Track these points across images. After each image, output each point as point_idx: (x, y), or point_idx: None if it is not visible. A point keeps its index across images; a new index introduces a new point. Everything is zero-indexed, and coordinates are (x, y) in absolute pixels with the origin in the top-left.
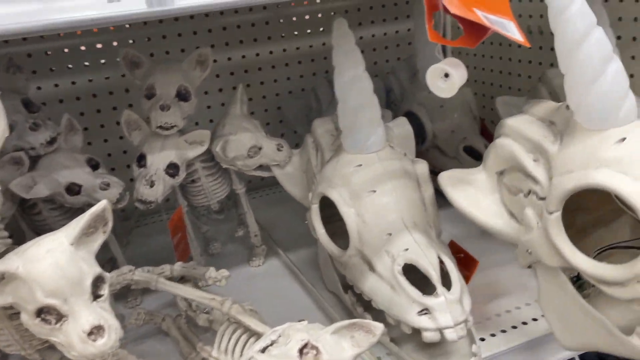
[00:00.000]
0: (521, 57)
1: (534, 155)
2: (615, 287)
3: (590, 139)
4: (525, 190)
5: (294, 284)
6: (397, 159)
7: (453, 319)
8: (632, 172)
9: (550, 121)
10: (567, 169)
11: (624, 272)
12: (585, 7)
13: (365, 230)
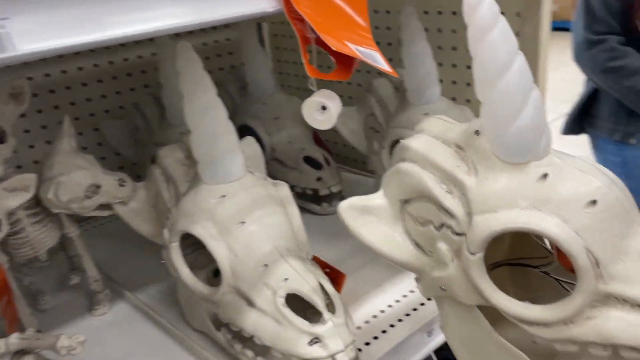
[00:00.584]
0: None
1: (446, 187)
2: (539, 327)
3: (512, 175)
4: (437, 223)
5: (151, 328)
6: (261, 185)
7: (343, 342)
8: (561, 214)
9: (457, 145)
10: (491, 207)
11: (552, 314)
12: (508, 32)
13: (239, 264)
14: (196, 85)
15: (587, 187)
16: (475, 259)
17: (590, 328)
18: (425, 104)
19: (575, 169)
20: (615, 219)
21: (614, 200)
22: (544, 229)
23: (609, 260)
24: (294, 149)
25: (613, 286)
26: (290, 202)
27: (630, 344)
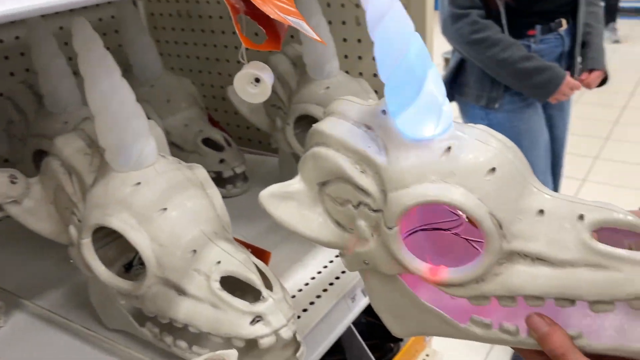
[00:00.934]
0: (237, 45)
1: (360, 167)
2: (455, 288)
3: (419, 151)
4: (355, 201)
5: (60, 334)
6: (176, 169)
7: (285, 316)
8: (466, 184)
9: (366, 126)
10: (403, 184)
11: (464, 275)
12: (403, 13)
13: (165, 253)
14: (98, 66)
15: (486, 157)
16: (392, 233)
17: (499, 283)
18: (325, 79)
19: (474, 140)
20: (512, 182)
21: (509, 165)
22: (452, 199)
23: (510, 221)
24: (191, 132)
25: (515, 244)
26: (209, 183)
27: (532, 293)
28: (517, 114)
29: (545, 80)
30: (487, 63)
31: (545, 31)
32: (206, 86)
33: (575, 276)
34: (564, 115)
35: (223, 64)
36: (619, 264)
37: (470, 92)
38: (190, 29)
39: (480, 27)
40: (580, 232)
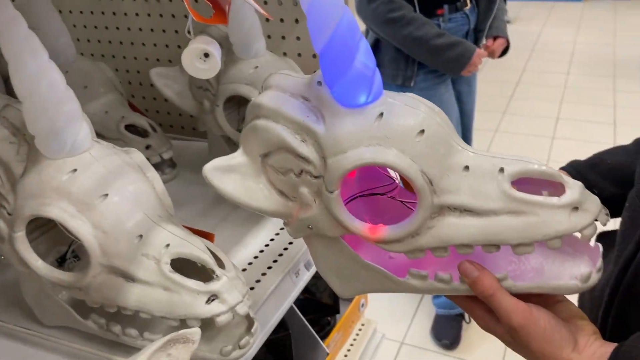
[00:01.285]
0: (166, 28)
1: (300, 137)
2: (393, 244)
3: (354, 118)
4: (297, 170)
5: None
6: (113, 153)
7: (240, 293)
8: (398, 145)
9: (303, 97)
10: (341, 149)
11: (402, 231)
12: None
13: (109, 241)
14: (23, 48)
15: (415, 120)
16: (333, 196)
17: (432, 236)
18: (253, 58)
19: (404, 106)
20: (440, 142)
21: (437, 127)
22: (387, 161)
23: (439, 178)
24: (112, 119)
25: (444, 198)
26: (147, 166)
27: (462, 242)
28: (431, 90)
29: (458, 54)
30: (403, 41)
31: (453, 10)
32: (121, 71)
33: (499, 223)
34: (472, 91)
35: (138, 48)
36: (536, 208)
37: (386, 72)
38: (100, 12)
39: (396, 6)
40: (501, 183)
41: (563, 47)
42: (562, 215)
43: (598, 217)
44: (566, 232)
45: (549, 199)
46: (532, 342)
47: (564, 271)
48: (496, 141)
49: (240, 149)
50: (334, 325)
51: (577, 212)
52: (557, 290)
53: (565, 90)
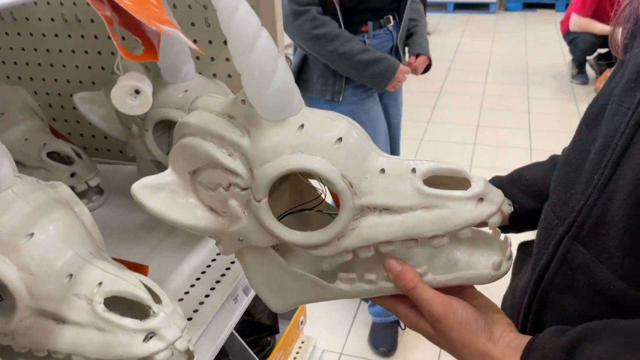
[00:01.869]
0: (88, 49)
1: (227, 151)
2: (321, 248)
3: (277, 130)
4: (225, 184)
5: None
6: (38, 189)
7: (179, 328)
8: (319, 152)
9: (229, 115)
10: (266, 159)
11: (327, 234)
12: (250, 11)
13: (37, 282)
14: None
15: (333, 129)
16: (261, 205)
17: (356, 236)
18: (182, 81)
19: (323, 117)
20: (357, 148)
21: (354, 135)
22: (308, 166)
23: (358, 181)
24: (33, 146)
25: (364, 199)
26: (75, 201)
27: (384, 239)
28: (359, 105)
29: (382, 69)
30: (329, 57)
31: (376, 27)
32: (41, 94)
33: (415, 218)
34: (398, 104)
35: (59, 70)
36: (446, 201)
37: (315, 87)
38: (16, 33)
39: (321, 22)
40: (414, 181)
41: (480, 57)
42: (470, 205)
43: (502, 206)
44: (475, 221)
45: (457, 192)
46: (452, 331)
47: (478, 262)
48: (422, 149)
49: (170, 168)
50: (274, 345)
51: (483, 202)
52: (473, 279)
53: (483, 99)
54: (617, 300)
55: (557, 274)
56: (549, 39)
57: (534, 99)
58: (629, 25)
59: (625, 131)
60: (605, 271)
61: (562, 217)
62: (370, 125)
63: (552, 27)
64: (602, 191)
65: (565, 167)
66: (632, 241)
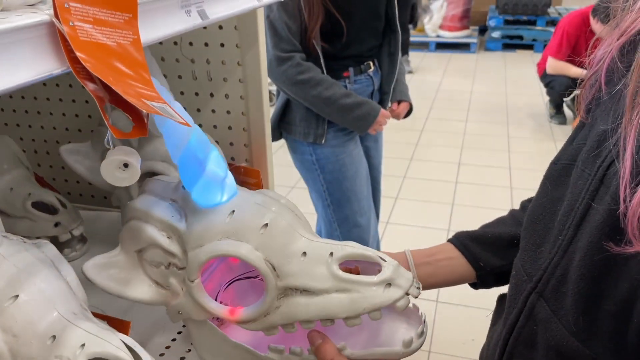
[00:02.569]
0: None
1: (167, 233)
2: (250, 323)
3: (209, 216)
4: (166, 263)
5: None
6: (24, 249)
7: None
8: (245, 238)
9: (172, 199)
10: (198, 243)
11: (254, 312)
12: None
13: (20, 344)
14: None
15: (261, 216)
16: (194, 285)
17: (279, 314)
18: None
19: (253, 203)
20: (282, 233)
21: (281, 220)
22: (234, 252)
23: (281, 264)
24: (18, 196)
25: (286, 281)
26: (60, 260)
27: (304, 318)
28: (341, 147)
29: (365, 113)
30: (313, 101)
31: (357, 72)
32: (27, 140)
33: (330, 300)
34: (378, 146)
35: (46, 117)
36: (357, 286)
37: (298, 130)
38: None
39: (304, 68)
40: (330, 265)
41: (461, 95)
42: (378, 290)
43: (409, 290)
44: (381, 305)
45: (367, 277)
46: None
47: (395, 337)
48: (405, 186)
49: (119, 247)
50: None
51: (390, 287)
52: (387, 355)
53: (464, 137)
54: (569, 357)
55: (523, 328)
56: (527, 79)
57: (514, 137)
58: (593, 92)
59: (585, 196)
60: (561, 328)
61: (530, 274)
62: (352, 168)
63: (531, 67)
64: (565, 251)
65: (533, 225)
66: (585, 300)
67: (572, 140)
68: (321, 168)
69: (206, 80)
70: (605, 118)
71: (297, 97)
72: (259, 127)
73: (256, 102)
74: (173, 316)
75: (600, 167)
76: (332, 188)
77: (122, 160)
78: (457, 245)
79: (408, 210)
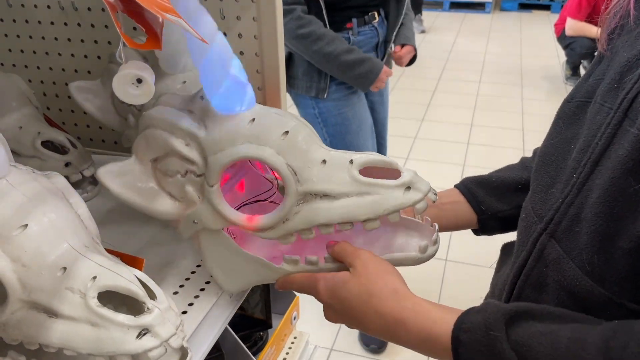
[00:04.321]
0: (84, 38)
1: (185, 141)
2: (267, 231)
3: (230, 122)
4: (183, 171)
5: None
6: (33, 179)
7: (173, 325)
8: (267, 143)
9: (188, 110)
10: (219, 147)
11: (273, 218)
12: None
13: (30, 274)
14: None
15: (282, 124)
16: (214, 190)
17: (299, 219)
18: (181, 73)
19: (273, 113)
20: (302, 141)
21: (300, 129)
22: (257, 155)
23: (301, 169)
24: (27, 134)
25: (306, 186)
26: (70, 191)
27: (324, 222)
28: (344, 101)
29: (366, 70)
30: (314, 56)
31: (361, 24)
32: (35, 82)
33: (350, 203)
34: (384, 100)
35: (54, 58)
36: (378, 189)
37: (300, 84)
38: (12, 20)
39: (305, 22)
40: (350, 170)
41: (475, 56)
42: (398, 192)
43: (428, 194)
44: (402, 206)
45: (388, 181)
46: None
47: (409, 246)
48: (415, 147)
49: (133, 156)
50: (267, 340)
51: (410, 190)
52: (403, 261)
53: (477, 98)
54: (582, 297)
55: (532, 270)
56: (543, 40)
57: (528, 99)
58: (617, 19)
59: (606, 131)
60: (574, 268)
61: (541, 215)
62: (355, 122)
63: (547, 28)
64: (580, 190)
65: (544, 166)
66: (601, 239)
67: (589, 77)
68: (324, 122)
69: (219, 19)
70: (631, 45)
71: (298, 51)
72: (273, 69)
73: (270, 43)
74: (187, 227)
75: (624, 99)
76: (335, 142)
77: (135, 74)
78: (461, 189)
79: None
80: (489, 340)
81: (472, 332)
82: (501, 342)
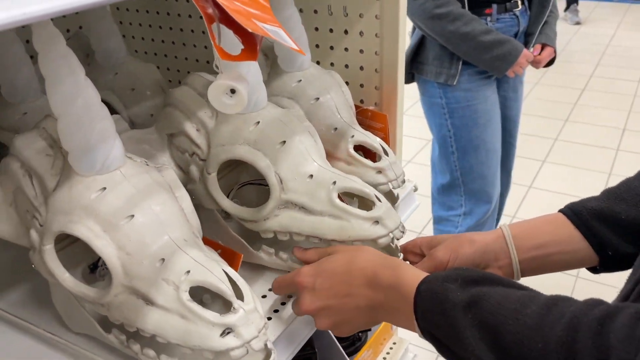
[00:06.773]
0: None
1: (197, 126)
2: (250, 222)
3: (237, 120)
4: (190, 151)
5: (20, 337)
6: (145, 171)
7: (256, 327)
8: (262, 149)
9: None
10: (221, 142)
11: (256, 214)
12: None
13: (132, 262)
14: (60, 66)
15: (282, 133)
16: (211, 177)
17: (277, 221)
18: (297, 71)
19: (278, 120)
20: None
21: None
22: (250, 158)
23: (288, 180)
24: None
25: (289, 195)
26: (177, 186)
27: (296, 231)
28: (474, 92)
29: (505, 52)
30: (449, 37)
31: (502, 10)
32: (172, 71)
33: (322, 221)
34: (518, 97)
35: (189, 49)
36: (349, 216)
37: (430, 69)
38: (155, 11)
39: (443, 2)
40: (330, 192)
41: (636, 52)
42: (367, 224)
43: (394, 232)
44: (366, 238)
45: (360, 211)
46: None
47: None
48: (555, 149)
49: (153, 127)
50: (365, 342)
51: (378, 225)
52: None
53: (634, 100)
54: None
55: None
56: None
57: None
58: None
59: None
60: None
61: None
62: (484, 116)
63: None
64: None
65: None
66: None
67: None
68: (450, 112)
69: (342, 16)
70: None
71: (432, 33)
72: (392, 68)
73: (391, 42)
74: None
75: None
76: (460, 134)
77: (228, 85)
78: (568, 215)
79: (556, 175)
80: (444, 289)
81: (431, 282)
82: (454, 292)
